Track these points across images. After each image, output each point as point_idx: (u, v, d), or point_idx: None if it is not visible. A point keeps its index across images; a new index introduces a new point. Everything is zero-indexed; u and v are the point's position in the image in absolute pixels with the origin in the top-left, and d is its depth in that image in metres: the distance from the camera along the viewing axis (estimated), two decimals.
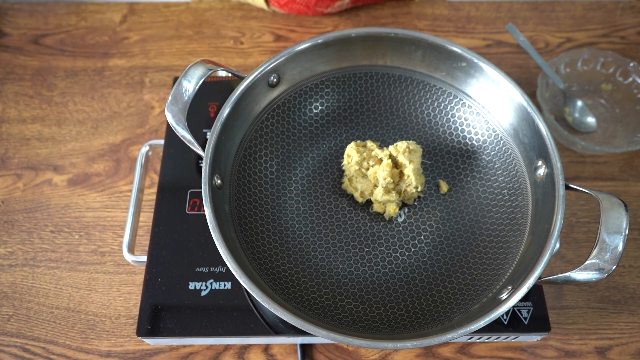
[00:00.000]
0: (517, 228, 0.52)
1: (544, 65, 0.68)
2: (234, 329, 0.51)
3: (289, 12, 0.78)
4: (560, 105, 0.70)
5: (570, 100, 0.69)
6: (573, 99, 0.69)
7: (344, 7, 0.78)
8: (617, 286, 0.59)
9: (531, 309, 0.53)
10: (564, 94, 0.69)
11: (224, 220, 0.48)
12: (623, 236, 0.43)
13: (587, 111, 0.69)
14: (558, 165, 0.48)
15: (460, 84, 0.57)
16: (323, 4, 0.75)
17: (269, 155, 0.57)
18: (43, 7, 0.80)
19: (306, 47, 0.54)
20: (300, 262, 0.53)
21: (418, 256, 0.54)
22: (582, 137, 0.68)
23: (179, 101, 0.48)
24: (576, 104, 0.69)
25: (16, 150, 0.68)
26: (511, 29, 0.67)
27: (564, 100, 0.69)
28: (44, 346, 0.56)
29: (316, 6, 0.76)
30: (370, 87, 0.60)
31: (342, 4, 0.77)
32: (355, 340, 0.42)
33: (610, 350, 0.56)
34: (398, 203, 0.55)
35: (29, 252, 0.61)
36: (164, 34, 0.77)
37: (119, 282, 0.59)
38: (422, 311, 0.50)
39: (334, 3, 0.76)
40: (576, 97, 0.70)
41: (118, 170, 0.66)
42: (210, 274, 0.54)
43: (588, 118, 0.69)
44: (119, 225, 0.63)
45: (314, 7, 0.76)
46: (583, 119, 0.69)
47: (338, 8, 0.78)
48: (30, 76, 0.74)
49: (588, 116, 0.69)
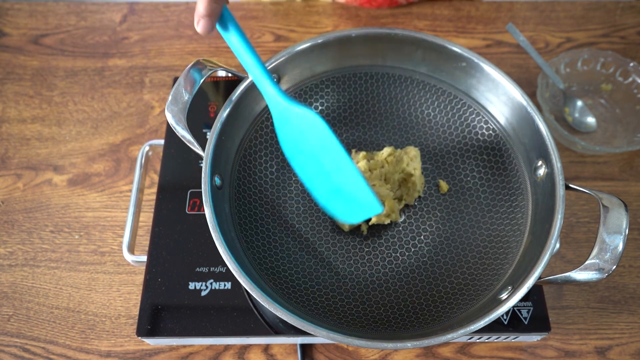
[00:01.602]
0: (517, 228, 0.52)
1: (544, 65, 0.68)
2: (234, 329, 0.51)
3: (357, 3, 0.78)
4: (560, 105, 0.70)
5: (570, 100, 0.69)
6: (573, 99, 0.69)
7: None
8: (617, 286, 0.59)
9: (531, 309, 0.53)
10: (564, 94, 0.69)
11: (224, 220, 0.48)
12: (623, 236, 0.43)
13: (587, 111, 0.69)
14: (558, 165, 0.48)
15: (460, 84, 0.57)
16: None
17: (269, 155, 0.57)
18: (43, 7, 0.80)
19: (306, 47, 0.54)
20: (300, 262, 0.53)
21: (418, 256, 0.54)
22: (582, 137, 0.68)
23: (179, 101, 0.48)
24: (576, 104, 0.69)
25: (16, 150, 0.68)
26: (511, 29, 0.67)
27: (564, 100, 0.69)
28: (44, 346, 0.56)
29: None
30: (370, 87, 0.60)
31: None
32: (355, 340, 0.42)
33: (610, 350, 0.56)
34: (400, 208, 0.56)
35: (29, 252, 0.61)
36: (164, 34, 0.77)
37: (119, 282, 0.59)
38: (422, 311, 0.50)
39: None
40: (576, 97, 0.70)
41: (118, 170, 0.66)
42: (210, 274, 0.54)
43: (588, 118, 0.69)
44: (119, 225, 0.63)
45: None
46: (583, 119, 0.69)
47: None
48: (30, 76, 0.74)
49: (588, 116, 0.69)
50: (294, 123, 0.46)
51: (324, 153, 0.46)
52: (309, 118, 0.45)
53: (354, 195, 0.46)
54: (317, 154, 0.47)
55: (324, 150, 0.46)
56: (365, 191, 0.45)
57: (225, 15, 0.44)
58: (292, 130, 0.47)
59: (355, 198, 0.46)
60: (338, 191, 0.48)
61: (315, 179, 0.49)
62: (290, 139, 0.48)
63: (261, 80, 0.46)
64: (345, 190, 0.47)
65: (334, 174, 0.47)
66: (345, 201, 0.48)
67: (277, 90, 0.46)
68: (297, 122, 0.46)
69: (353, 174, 0.45)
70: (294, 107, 0.45)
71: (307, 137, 0.46)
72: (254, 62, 0.45)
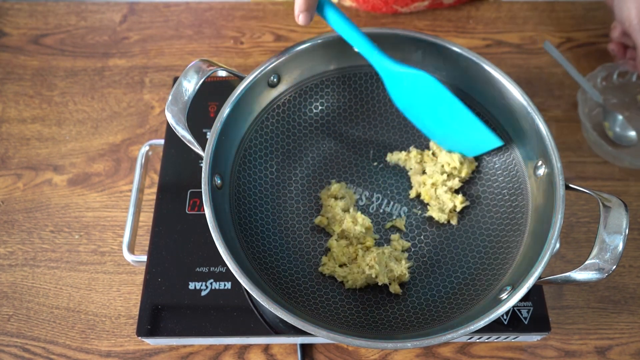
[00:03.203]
0: (517, 228, 0.52)
1: (582, 82, 0.66)
2: (234, 329, 0.51)
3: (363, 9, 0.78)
4: (599, 120, 0.69)
5: (610, 114, 0.68)
6: (613, 113, 0.68)
7: (420, 8, 0.78)
8: (617, 286, 0.59)
9: (531, 309, 0.53)
10: (603, 108, 0.68)
11: (224, 220, 0.48)
12: (623, 236, 0.43)
13: (627, 125, 0.68)
14: (558, 165, 0.48)
15: (461, 84, 0.57)
16: (401, 2, 0.75)
17: (269, 155, 0.57)
18: (43, 7, 0.80)
19: (306, 47, 0.54)
20: (300, 262, 0.53)
21: (418, 256, 0.54)
22: (625, 151, 0.67)
23: (179, 101, 0.48)
24: (616, 118, 0.68)
25: (16, 150, 0.68)
26: (548, 47, 0.67)
27: (603, 115, 0.68)
28: (44, 346, 0.56)
29: (394, 3, 0.75)
30: (370, 87, 0.60)
31: (419, 5, 0.77)
32: (355, 340, 0.42)
33: (610, 350, 0.56)
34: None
35: (29, 252, 0.61)
36: (164, 34, 0.78)
37: (119, 282, 0.59)
38: (422, 311, 0.50)
39: (414, 3, 0.76)
40: (615, 111, 0.68)
41: (118, 170, 0.66)
42: (210, 274, 0.54)
43: (629, 132, 0.67)
44: (119, 225, 0.63)
45: (392, 2, 0.75)
46: (624, 133, 0.68)
47: (414, 9, 0.78)
48: (30, 76, 0.74)
49: (629, 130, 0.68)
50: (407, 83, 0.52)
51: (438, 103, 0.52)
52: (422, 78, 0.51)
53: (472, 134, 0.53)
54: (432, 104, 0.53)
55: (437, 101, 0.52)
56: (483, 130, 0.52)
57: (322, 3, 0.49)
58: (405, 89, 0.53)
59: (473, 136, 0.54)
60: (456, 132, 0.54)
61: (432, 125, 0.56)
62: (404, 96, 0.54)
63: (369, 53, 0.51)
64: (462, 131, 0.54)
65: (450, 119, 0.53)
66: (464, 139, 0.55)
67: (387, 59, 0.51)
68: (410, 82, 0.52)
69: (469, 117, 0.52)
70: (408, 70, 0.51)
71: (420, 92, 0.52)
72: (359, 39, 0.51)
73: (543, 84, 0.73)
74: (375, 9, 0.77)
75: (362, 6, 0.78)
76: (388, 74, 0.52)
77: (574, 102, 0.71)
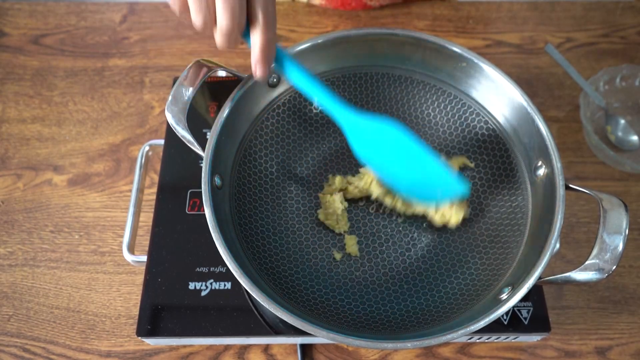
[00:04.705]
0: (517, 228, 0.52)
1: (585, 85, 0.66)
2: (234, 329, 0.51)
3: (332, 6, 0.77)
4: (601, 124, 0.69)
5: (612, 118, 0.68)
6: (615, 117, 0.68)
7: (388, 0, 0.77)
8: (617, 286, 0.59)
9: (531, 309, 0.53)
10: (605, 112, 0.68)
11: (224, 220, 0.48)
12: (623, 236, 0.43)
13: (630, 129, 0.68)
14: (558, 165, 0.48)
15: (460, 84, 0.57)
16: None
17: (269, 155, 0.57)
18: (43, 7, 0.80)
19: (306, 47, 0.54)
20: (300, 262, 0.53)
21: (418, 256, 0.54)
22: (627, 155, 0.67)
23: (179, 101, 0.48)
24: (619, 122, 0.68)
25: (16, 150, 0.68)
26: (550, 49, 0.67)
27: (605, 118, 0.68)
28: (44, 346, 0.56)
29: None
30: (370, 87, 0.59)
31: None
32: (355, 341, 0.42)
33: (611, 351, 0.56)
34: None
35: (29, 252, 0.61)
36: (164, 34, 0.77)
37: (119, 282, 0.59)
38: (422, 311, 0.50)
39: None
40: (618, 115, 0.68)
41: (118, 170, 0.66)
42: (210, 274, 0.54)
43: (631, 136, 0.67)
44: (119, 225, 0.63)
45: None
46: (626, 137, 0.67)
47: (384, 2, 0.77)
48: (30, 76, 0.74)
49: (631, 134, 0.67)
50: (371, 134, 0.49)
51: (403, 153, 0.50)
52: (387, 129, 0.49)
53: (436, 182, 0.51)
54: (398, 154, 0.50)
55: (403, 151, 0.50)
56: (449, 178, 0.50)
57: (280, 56, 0.46)
58: (368, 139, 0.50)
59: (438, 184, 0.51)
60: (420, 181, 0.52)
61: (395, 175, 0.53)
62: (366, 147, 0.51)
63: (331, 107, 0.49)
64: (427, 180, 0.51)
65: (415, 168, 0.51)
66: (429, 188, 0.52)
67: (349, 112, 0.49)
68: (375, 132, 0.49)
69: (435, 166, 0.49)
70: (372, 122, 0.49)
71: (385, 142, 0.50)
72: (320, 93, 0.48)
73: (543, 84, 0.73)
74: (345, 5, 0.77)
75: (331, 3, 0.78)
76: (351, 126, 0.50)
77: (574, 102, 0.71)
